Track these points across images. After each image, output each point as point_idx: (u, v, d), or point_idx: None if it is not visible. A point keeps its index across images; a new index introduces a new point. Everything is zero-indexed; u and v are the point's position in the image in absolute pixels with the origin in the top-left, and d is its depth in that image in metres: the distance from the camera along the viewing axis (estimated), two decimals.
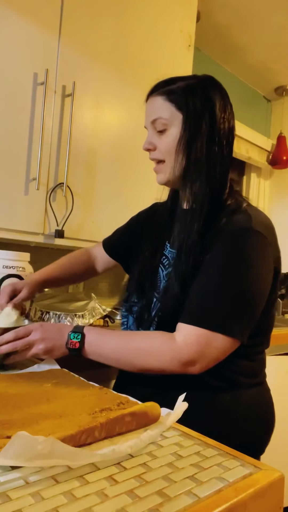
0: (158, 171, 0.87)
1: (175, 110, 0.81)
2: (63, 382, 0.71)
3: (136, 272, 0.93)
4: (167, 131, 0.83)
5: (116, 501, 0.39)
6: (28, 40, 1.25)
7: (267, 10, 1.98)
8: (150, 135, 0.86)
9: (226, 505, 0.40)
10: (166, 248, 0.90)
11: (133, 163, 1.56)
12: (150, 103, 0.86)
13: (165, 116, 0.82)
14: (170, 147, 0.82)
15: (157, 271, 0.89)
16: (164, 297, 0.83)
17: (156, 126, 0.84)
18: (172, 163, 0.83)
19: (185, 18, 1.71)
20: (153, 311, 0.85)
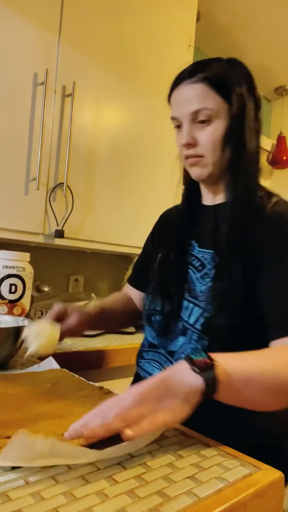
0: (196, 165, 0.78)
1: (220, 99, 0.73)
2: (63, 382, 0.71)
3: (157, 275, 0.84)
4: (212, 123, 0.74)
5: (116, 501, 0.39)
6: (28, 40, 1.25)
7: (267, 10, 1.98)
8: (188, 127, 0.75)
9: (226, 505, 0.40)
10: (193, 248, 0.81)
11: (133, 163, 1.56)
12: (186, 91, 0.75)
13: (210, 106, 0.73)
14: (217, 141, 0.74)
15: (186, 273, 0.79)
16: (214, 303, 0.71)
17: (199, 116, 0.74)
18: (214, 158, 0.75)
19: (185, 18, 1.71)
20: (190, 318, 0.74)
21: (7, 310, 1.13)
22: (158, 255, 0.88)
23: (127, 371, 1.17)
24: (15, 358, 0.86)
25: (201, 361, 0.52)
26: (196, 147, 0.76)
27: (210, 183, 0.81)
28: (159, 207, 1.60)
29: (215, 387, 0.51)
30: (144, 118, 1.58)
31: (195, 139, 0.75)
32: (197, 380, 0.50)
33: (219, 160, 0.75)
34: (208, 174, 0.77)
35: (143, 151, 1.58)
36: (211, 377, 0.51)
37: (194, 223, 0.84)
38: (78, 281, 1.79)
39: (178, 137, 0.79)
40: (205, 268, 0.76)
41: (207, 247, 0.78)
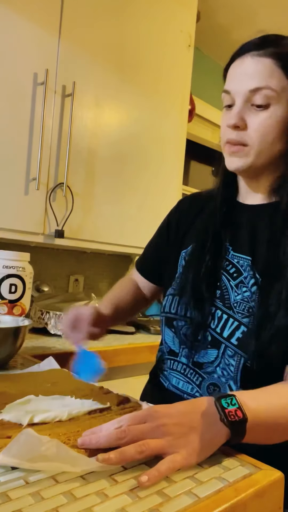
0: (235, 154, 0.67)
1: (287, 81, 0.63)
2: (63, 382, 0.71)
3: (185, 276, 0.74)
4: (270, 107, 0.64)
5: (116, 501, 0.39)
6: (28, 40, 1.25)
7: (267, 10, 1.98)
8: (240, 107, 0.65)
9: (226, 505, 0.40)
10: (228, 252, 0.72)
11: (133, 163, 1.56)
12: (252, 64, 0.64)
13: (274, 86, 0.63)
14: (271, 129, 0.64)
15: (219, 278, 0.71)
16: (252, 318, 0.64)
17: (257, 98, 0.64)
18: (262, 148, 0.65)
19: (185, 18, 1.71)
20: (224, 331, 0.67)
21: (7, 310, 1.13)
22: (182, 252, 0.79)
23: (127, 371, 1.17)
24: (15, 358, 0.86)
25: (233, 413, 0.49)
26: (243, 132, 0.65)
27: (250, 177, 0.72)
28: (159, 207, 1.60)
29: (240, 439, 0.50)
30: (144, 118, 1.58)
31: (245, 122, 0.65)
32: (225, 433, 0.49)
33: (267, 153, 0.66)
34: (249, 166, 0.67)
35: (143, 151, 1.58)
36: (241, 432, 0.49)
37: (229, 223, 0.74)
38: (78, 281, 1.79)
39: (225, 117, 0.69)
40: (241, 276, 0.68)
41: (244, 252, 0.70)
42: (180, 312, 0.72)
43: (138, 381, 0.97)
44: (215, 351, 0.68)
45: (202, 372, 0.70)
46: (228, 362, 0.66)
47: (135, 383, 1.04)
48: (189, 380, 0.72)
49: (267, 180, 0.71)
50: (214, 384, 0.69)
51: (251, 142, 0.65)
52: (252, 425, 0.49)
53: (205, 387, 0.70)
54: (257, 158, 0.66)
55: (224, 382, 0.67)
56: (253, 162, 0.67)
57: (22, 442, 0.41)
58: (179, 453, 0.45)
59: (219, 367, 0.68)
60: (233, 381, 0.66)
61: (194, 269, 0.73)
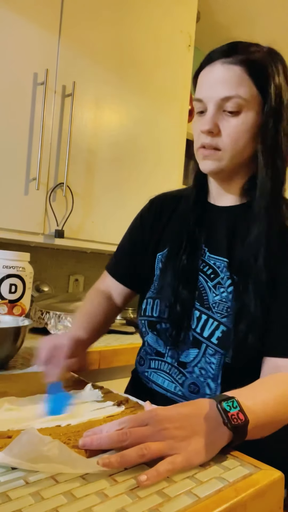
0: (208, 158, 0.69)
1: (255, 89, 0.65)
2: (63, 382, 0.70)
3: (166, 279, 0.75)
4: (241, 114, 0.65)
5: (116, 501, 0.39)
6: (28, 40, 1.25)
7: (267, 10, 1.98)
8: (213, 113, 0.67)
9: (226, 505, 0.40)
10: (204, 253, 0.73)
11: (133, 163, 1.56)
12: (222, 71, 0.65)
13: (244, 95, 0.64)
14: (241, 135, 0.66)
15: (196, 280, 0.72)
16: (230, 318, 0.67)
17: (228, 105, 0.65)
18: (234, 153, 0.67)
19: (185, 18, 1.71)
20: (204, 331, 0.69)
21: (7, 310, 1.13)
22: (158, 255, 0.80)
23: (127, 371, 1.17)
24: (15, 358, 0.86)
25: (236, 416, 0.49)
26: (217, 137, 0.67)
27: (223, 179, 0.73)
28: None
29: (241, 441, 0.50)
30: (144, 118, 1.58)
31: (218, 128, 0.67)
32: (227, 436, 0.49)
33: (238, 157, 0.68)
34: (221, 169, 0.70)
35: (143, 151, 1.58)
36: (242, 434, 0.50)
37: (202, 224, 0.75)
38: (78, 281, 1.79)
39: (198, 123, 0.70)
40: (218, 277, 0.70)
41: (220, 254, 0.72)
42: (162, 315, 0.73)
43: None
44: (195, 351, 0.70)
45: (185, 372, 0.72)
46: (209, 361, 0.69)
47: None
48: (173, 379, 0.74)
49: (238, 182, 0.73)
50: (194, 383, 0.71)
51: (223, 146, 0.67)
52: (252, 426, 0.50)
53: (187, 385, 0.72)
54: (229, 162, 0.69)
55: (203, 381, 0.70)
56: (226, 165, 0.69)
57: (24, 442, 0.41)
58: (180, 455, 0.46)
59: (197, 367, 0.70)
60: (212, 380, 0.69)
61: (172, 271, 0.74)
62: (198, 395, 0.70)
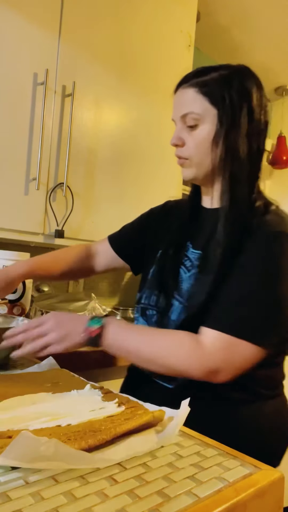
0: (182, 166, 0.82)
1: (209, 105, 0.76)
2: (63, 382, 0.71)
3: (156, 269, 0.87)
4: (198, 127, 0.77)
5: (116, 501, 0.39)
6: (28, 40, 1.25)
7: (267, 10, 1.98)
8: (179, 129, 0.80)
9: (226, 505, 0.40)
10: (188, 248, 0.84)
11: (133, 163, 1.56)
12: (180, 95, 0.79)
13: (197, 111, 0.76)
14: (201, 144, 0.77)
15: (178, 271, 0.83)
16: (190, 301, 0.78)
17: (187, 121, 0.78)
18: (199, 160, 0.78)
19: (185, 18, 1.71)
20: (173, 315, 0.80)
21: (7, 310, 1.13)
22: (159, 251, 0.89)
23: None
24: (15, 358, 0.86)
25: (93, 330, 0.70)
26: (183, 148, 0.80)
27: (202, 184, 0.85)
28: None
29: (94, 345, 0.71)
30: (144, 118, 1.58)
31: (183, 140, 0.79)
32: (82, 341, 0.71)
33: (205, 164, 0.78)
34: (194, 177, 0.81)
35: (143, 151, 1.58)
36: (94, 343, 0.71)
37: (194, 224, 0.86)
38: (78, 281, 1.79)
39: None
40: (193, 268, 0.81)
41: (198, 248, 0.82)
42: (151, 302, 0.85)
43: None
44: None
45: None
46: None
47: None
48: None
49: (216, 188, 0.82)
50: None
51: (189, 155, 0.79)
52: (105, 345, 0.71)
53: None
54: (198, 168, 0.80)
55: None
56: (197, 172, 0.80)
57: (20, 445, 0.41)
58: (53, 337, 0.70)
59: None
60: None
61: (160, 266, 0.87)
62: None
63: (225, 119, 0.75)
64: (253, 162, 0.77)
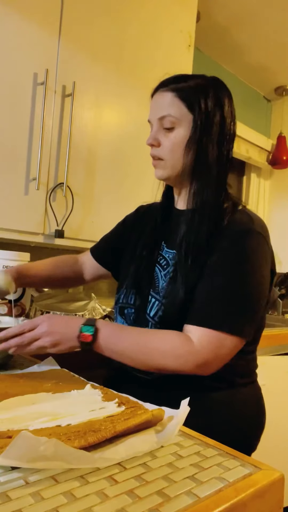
0: (156, 166, 0.86)
1: (186, 109, 0.80)
2: (63, 382, 0.71)
3: (131, 269, 0.91)
4: (174, 130, 0.81)
5: (116, 501, 0.39)
6: (28, 40, 1.25)
7: (267, 10, 1.98)
8: (155, 130, 0.84)
9: (226, 505, 0.40)
10: (162, 248, 0.89)
11: (133, 163, 1.56)
12: (159, 98, 0.84)
13: (174, 114, 0.80)
14: (176, 147, 0.81)
15: (154, 270, 0.87)
16: (167, 299, 0.81)
17: (164, 123, 0.82)
18: (173, 162, 0.82)
19: (185, 18, 1.71)
20: (151, 312, 0.83)
21: (7, 310, 1.13)
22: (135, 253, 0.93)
23: None
24: (15, 358, 0.86)
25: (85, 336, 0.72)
26: (158, 149, 0.83)
27: (175, 185, 0.89)
28: None
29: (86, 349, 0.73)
30: (144, 118, 1.57)
31: (159, 141, 0.83)
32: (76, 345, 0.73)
33: (178, 165, 0.82)
34: (167, 177, 0.85)
35: (143, 151, 1.57)
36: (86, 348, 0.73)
37: (167, 225, 0.90)
38: None
39: None
40: (169, 266, 0.85)
41: (172, 247, 0.86)
42: (128, 301, 0.88)
43: None
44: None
45: None
46: None
47: None
48: None
49: (186, 189, 0.86)
50: None
51: (164, 156, 0.83)
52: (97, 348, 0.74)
53: None
54: (172, 169, 0.83)
55: None
56: (170, 173, 0.84)
57: (20, 445, 0.41)
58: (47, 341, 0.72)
59: None
60: None
61: (136, 266, 0.90)
62: None
63: (199, 125, 0.79)
64: (221, 167, 0.81)
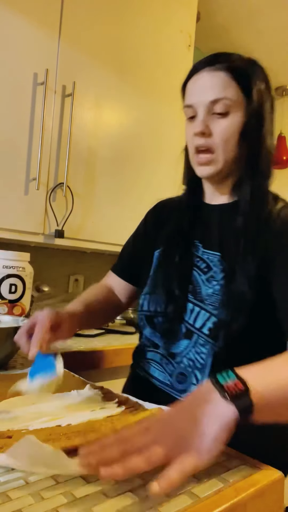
0: (205, 162, 0.73)
1: (240, 92, 0.70)
2: (63, 382, 0.70)
3: (159, 274, 0.79)
4: (229, 115, 0.70)
5: (116, 501, 0.39)
6: (28, 40, 1.25)
7: (267, 10, 1.98)
8: (203, 116, 0.71)
9: (226, 505, 0.40)
10: (198, 249, 0.77)
11: (133, 163, 1.56)
12: (208, 78, 0.71)
13: (230, 96, 0.69)
14: (231, 135, 0.70)
15: (190, 275, 0.75)
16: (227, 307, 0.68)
17: (216, 107, 0.70)
18: (226, 153, 0.72)
19: (185, 18, 1.71)
20: (196, 322, 0.71)
21: (7, 310, 1.13)
22: (155, 252, 0.84)
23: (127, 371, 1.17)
24: (15, 358, 0.86)
25: (233, 386, 0.45)
26: (209, 138, 0.71)
27: (217, 181, 0.78)
28: None
29: (250, 414, 0.45)
30: (144, 118, 1.58)
31: (210, 129, 0.71)
32: (231, 411, 0.44)
33: (230, 157, 0.72)
34: (217, 173, 0.74)
35: (143, 151, 1.58)
36: (247, 405, 0.44)
37: (198, 223, 0.80)
38: (78, 281, 1.79)
39: (190, 127, 0.75)
40: (211, 271, 0.73)
41: (213, 248, 0.75)
42: (157, 309, 0.77)
43: None
44: (186, 342, 0.73)
45: (174, 362, 0.75)
46: (199, 351, 0.71)
47: None
48: (163, 369, 0.77)
49: (229, 182, 0.77)
50: (182, 373, 0.74)
51: (216, 147, 0.72)
52: (259, 400, 0.45)
53: (175, 375, 0.75)
54: (223, 163, 0.73)
55: (190, 371, 0.72)
56: (221, 167, 0.73)
57: (24, 448, 0.41)
58: (189, 454, 0.42)
59: (186, 357, 0.73)
60: (199, 370, 0.71)
61: (165, 267, 0.79)
62: (184, 384, 0.73)
63: (255, 109, 0.71)
64: (271, 155, 0.75)
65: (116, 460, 0.41)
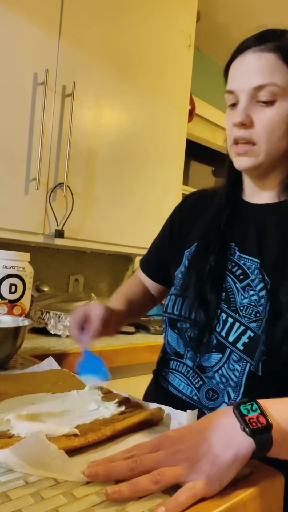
0: (244, 153, 0.65)
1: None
2: (63, 382, 0.71)
3: (188, 277, 0.72)
4: (276, 104, 0.62)
5: (116, 501, 0.39)
6: (28, 40, 1.25)
7: (267, 10, 1.98)
8: (245, 104, 0.63)
9: (226, 505, 0.40)
10: (234, 253, 0.69)
11: (133, 163, 1.56)
12: (254, 60, 0.62)
13: (279, 82, 0.61)
14: (276, 126, 0.62)
15: (224, 280, 0.68)
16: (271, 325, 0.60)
17: (261, 94, 0.62)
18: (269, 146, 0.63)
19: (185, 18, 1.71)
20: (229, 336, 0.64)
21: (7, 310, 1.13)
22: (186, 252, 0.76)
23: (127, 371, 1.17)
24: (15, 358, 0.86)
25: (255, 420, 0.43)
26: (250, 129, 0.64)
27: (259, 176, 0.70)
28: (159, 207, 1.60)
29: (267, 450, 0.43)
30: (144, 118, 1.58)
31: (251, 119, 0.63)
32: (248, 444, 0.42)
33: (274, 150, 0.64)
34: (258, 166, 0.66)
35: (143, 150, 1.58)
36: (266, 441, 0.42)
37: (233, 222, 0.71)
38: (78, 281, 1.79)
39: (230, 116, 0.67)
40: (248, 279, 0.66)
41: (251, 254, 0.67)
42: (184, 314, 0.69)
43: (138, 381, 0.97)
44: (218, 355, 0.66)
45: (204, 376, 0.68)
46: (232, 368, 0.64)
47: (135, 383, 1.04)
48: (190, 383, 0.71)
49: (275, 178, 0.69)
50: (213, 390, 0.67)
51: (258, 139, 0.64)
52: (279, 435, 0.43)
53: (204, 391, 0.68)
54: (266, 157, 0.65)
55: (223, 388, 0.66)
56: (262, 161, 0.65)
57: (31, 445, 0.40)
58: (201, 479, 0.40)
59: (218, 373, 0.66)
60: (233, 388, 0.64)
61: (198, 269, 0.70)
62: (215, 402, 0.66)
63: None
64: None
65: (124, 476, 0.41)
